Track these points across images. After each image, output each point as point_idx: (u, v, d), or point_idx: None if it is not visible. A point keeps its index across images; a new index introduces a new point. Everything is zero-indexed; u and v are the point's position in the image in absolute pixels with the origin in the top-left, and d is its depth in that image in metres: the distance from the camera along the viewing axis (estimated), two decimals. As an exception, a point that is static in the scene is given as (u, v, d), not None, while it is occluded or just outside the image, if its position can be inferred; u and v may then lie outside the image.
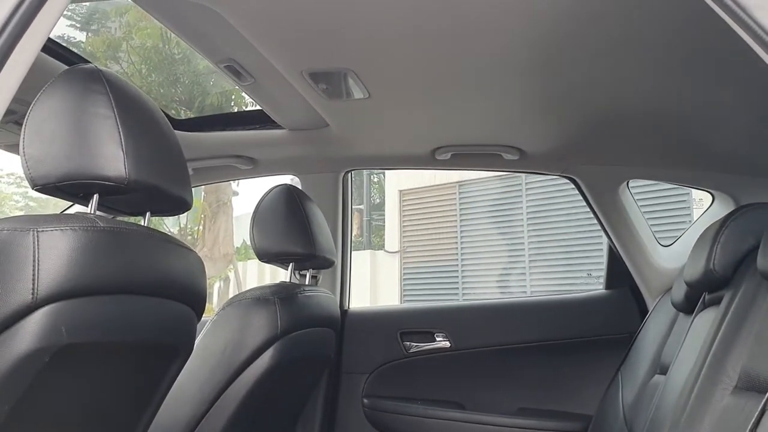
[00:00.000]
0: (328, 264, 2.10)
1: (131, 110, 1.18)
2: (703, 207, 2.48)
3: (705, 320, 1.49)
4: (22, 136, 1.12)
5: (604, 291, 2.54)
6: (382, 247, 11.03)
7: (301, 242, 1.93)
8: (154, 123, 1.25)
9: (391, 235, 10.59)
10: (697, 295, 1.69)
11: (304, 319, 1.91)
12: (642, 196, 2.42)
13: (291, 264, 2.01)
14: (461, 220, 9.66)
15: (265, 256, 1.95)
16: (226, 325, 1.77)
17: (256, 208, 1.98)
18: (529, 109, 1.97)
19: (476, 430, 2.36)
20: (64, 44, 1.83)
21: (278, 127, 2.24)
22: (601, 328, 2.46)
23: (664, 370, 1.83)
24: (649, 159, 2.23)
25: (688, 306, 1.82)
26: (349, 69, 1.69)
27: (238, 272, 11.69)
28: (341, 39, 1.56)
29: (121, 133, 1.12)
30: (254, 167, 2.42)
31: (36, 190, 1.12)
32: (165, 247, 1.25)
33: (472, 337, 2.51)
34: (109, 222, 1.11)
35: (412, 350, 2.50)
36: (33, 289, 0.98)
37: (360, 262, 10.18)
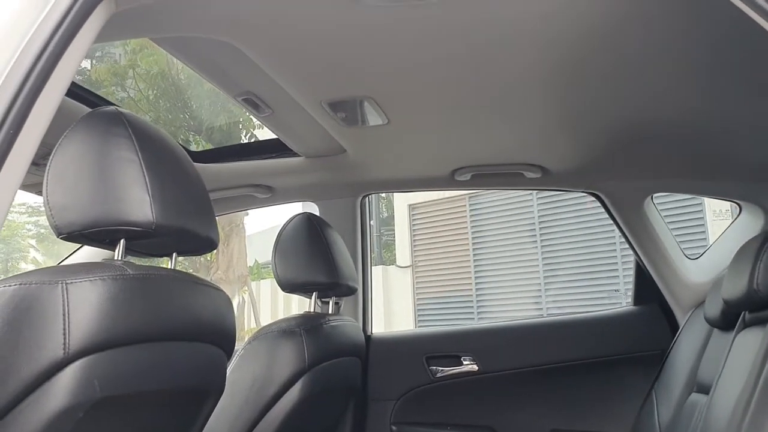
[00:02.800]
0: (351, 291, 2.07)
1: (154, 152, 1.15)
2: (721, 219, 2.43)
3: (750, 340, 1.44)
4: (45, 183, 1.09)
5: (632, 307, 2.49)
6: (393, 262, 11.00)
7: (324, 272, 1.91)
8: (178, 163, 1.22)
9: (402, 250, 10.55)
10: (736, 313, 1.65)
11: (331, 350, 1.88)
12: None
13: (314, 293, 1.98)
14: (473, 232, 9.62)
15: (288, 287, 1.93)
16: (254, 360, 1.74)
17: (277, 239, 1.96)
18: (550, 127, 1.94)
19: None
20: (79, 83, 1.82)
21: (295, 155, 2.22)
22: (631, 346, 2.40)
23: (703, 389, 1.78)
24: (674, 171, 2.19)
25: (725, 323, 1.78)
26: (368, 96, 1.67)
27: (252, 293, 11.68)
28: (359, 68, 1.54)
29: (146, 177, 1.10)
30: (272, 195, 2.39)
31: (61, 238, 1.09)
32: (193, 289, 1.22)
33: (500, 360, 2.46)
34: (138, 269, 1.08)
35: (438, 374, 2.45)
36: (65, 344, 0.95)
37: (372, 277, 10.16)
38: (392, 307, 10.64)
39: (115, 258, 1.13)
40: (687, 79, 1.56)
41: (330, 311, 2.11)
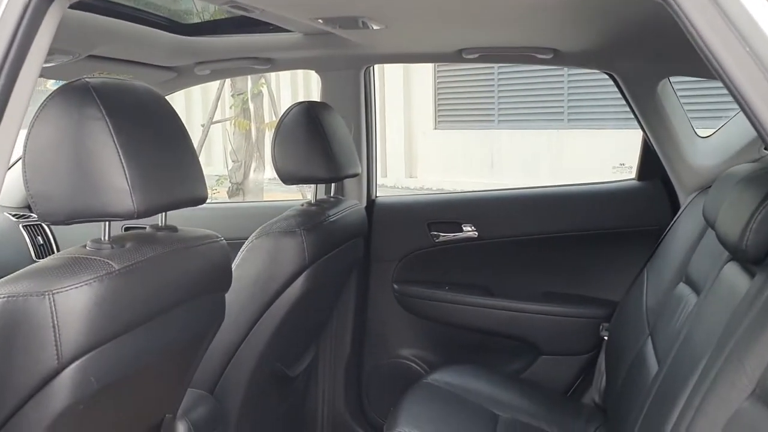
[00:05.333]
0: (353, 176, 2.09)
1: (130, 128, 1.11)
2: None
3: (733, 284, 1.45)
4: (23, 169, 1.08)
5: (635, 182, 2.48)
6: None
7: (323, 166, 1.92)
8: (157, 130, 1.19)
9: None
10: None
11: (331, 244, 1.95)
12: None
13: (315, 186, 2.01)
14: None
15: (288, 180, 1.95)
16: (256, 258, 1.82)
17: (276, 129, 1.94)
18: (564, 8, 1.80)
19: (503, 316, 2.46)
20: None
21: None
22: (630, 220, 2.44)
23: (690, 283, 1.83)
24: (694, 53, 2.05)
25: None
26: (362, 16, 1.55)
27: (270, 86, 11.52)
28: None
29: (124, 162, 1.07)
30: (272, 66, 2.31)
31: (46, 224, 1.11)
32: (186, 254, 1.25)
33: (500, 228, 2.52)
34: (124, 258, 1.10)
35: (439, 239, 2.54)
36: (57, 354, 1.00)
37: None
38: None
39: (102, 239, 1.14)
40: None
41: (332, 193, 2.15)
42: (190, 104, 11.69)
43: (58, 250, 2.34)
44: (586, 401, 2.35)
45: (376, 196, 2.62)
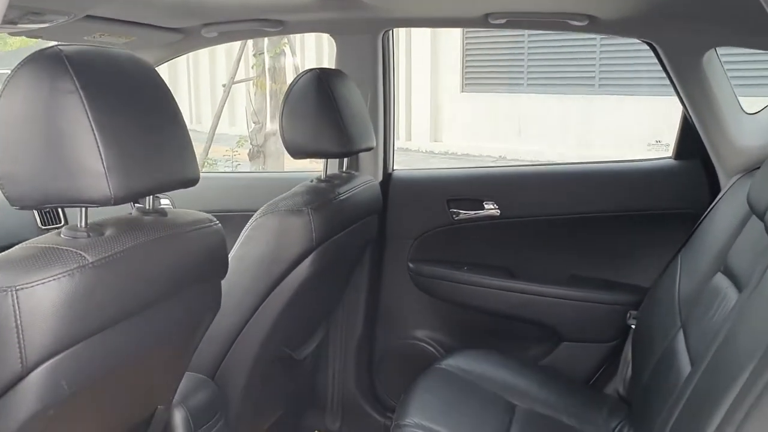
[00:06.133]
0: (366, 150, 1.96)
1: (107, 103, 0.99)
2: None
3: None
4: None
5: (672, 161, 2.31)
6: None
7: (334, 140, 1.79)
8: (139, 106, 1.06)
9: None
10: None
11: (341, 224, 1.83)
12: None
13: (325, 160, 1.88)
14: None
15: (296, 153, 1.82)
16: (261, 238, 1.71)
17: (284, 98, 1.81)
18: None
19: (523, 299, 2.33)
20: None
21: None
22: (664, 202, 2.28)
23: (729, 274, 1.69)
24: (741, 23, 1.87)
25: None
26: None
27: (293, 47, 11.33)
28: None
29: (99, 142, 0.96)
30: (283, 28, 2.16)
31: (17, 209, 0.99)
32: (174, 242, 1.14)
33: (524, 206, 2.38)
34: (100, 250, 0.99)
35: (459, 217, 2.40)
36: (21, 357, 0.90)
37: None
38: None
39: (78, 225, 1.03)
40: None
41: (345, 167, 2.02)
42: (214, 65, 11.58)
43: (65, 217, 2.26)
44: (609, 392, 2.23)
45: (394, 170, 2.48)
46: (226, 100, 7.28)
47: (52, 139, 0.95)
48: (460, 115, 10.41)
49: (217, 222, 1.28)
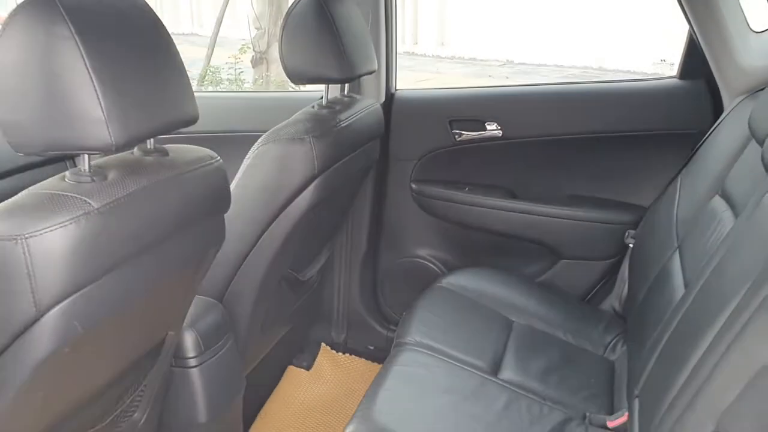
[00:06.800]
0: (368, 74, 1.95)
1: (105, 48, 0.99)
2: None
3: None
4: None
5: (676, 80, 2.28)
6: None
7: (335, 66, 1.77)
8: (136, 48, 1.06)
9: None
10: None
11: (343, 151, 1.84)
12: None
13: (326, 86, 1.87)
14: None
15: (297, 79, 1.82)
16: (263, 167, 1.73)
17: (283, 23, 1.78)
18: None
19: (524, 219, 2.37)
20: None
21: None
22: (667, 122, 2.26)
23: (726, 197, 1.72)
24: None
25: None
26: None
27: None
28: None
29: (97, 89, 0.96)
30: None
31: (21, 154, 1.02)
32: (176, 183, 1.16)
33: (526, 126, 2.37)
34: (104, 195, 1.02)
35: (461, 138, 2.40)
36: (34, 301, 0.94)
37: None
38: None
39: (82, 169, 1.05)
40: None
41: (346, 91, 2.01)
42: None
43: None
44: (605, 308, 2.30)
45: (396, 90, 2.46)
46: (228, 3, 7.09)
47: (51, 88, 0.96)
48: (467, 17, 10.11)
49: (219, 158, 1.30)
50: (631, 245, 2.18)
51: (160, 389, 1.50)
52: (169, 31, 1.15)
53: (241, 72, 6.82)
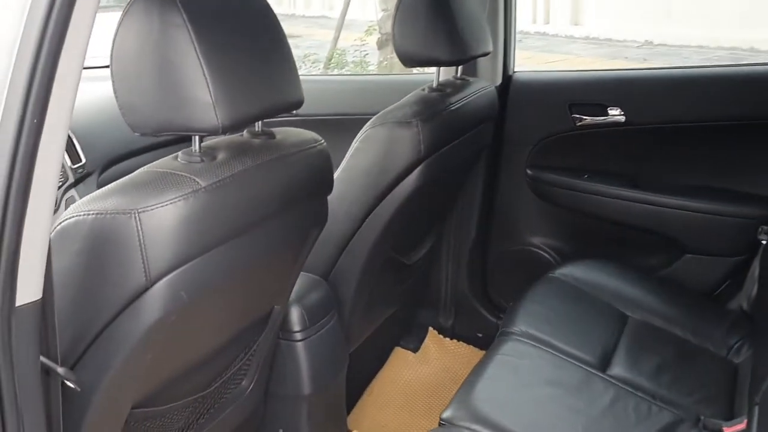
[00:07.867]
0: (482, 56, 1.92)
1: (214, 34, 1.05)
2: None
3: None
4: (111, 76, 1.06)
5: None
6: None
7: (447, 48, 1.76)
8: (245, 34, 1.11)
9: None
10: None
11: (451, 134, 1.83)
12: None
13: (437, 68, 1.86)
14: None
15: (408, 61, 1.82)
16: (370, 149, 1.75)
17: (397, 4, 1.79)
18: None
19: (647, 210, 2.25)
20: None
21: None
22: None
23: None
24: None
25: None
26: None
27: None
28: None
29: (206, 74, 1.02)
30: None
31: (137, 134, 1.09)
32: (281, 164, 1.21)
33: (652, 113, 2.24)
34: (212, 174, 1.07)
35: (581, 123, 2.31)
36: (145, 271, 1.01)
37: None
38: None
39: (192, 149, 1.11)
40: None
41: (460, 73, 1.99)
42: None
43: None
44: (732, 307, 2.15)
45: (514, 72, 2.40)
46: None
47: (164, 72, 1.02)
48: (603, -5, 9.69)
49: (323, 141, 1.33)
50: (764, 242, 2.02)
51: (266, 360, 1.56)
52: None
53: (366, 54, 6.90)
